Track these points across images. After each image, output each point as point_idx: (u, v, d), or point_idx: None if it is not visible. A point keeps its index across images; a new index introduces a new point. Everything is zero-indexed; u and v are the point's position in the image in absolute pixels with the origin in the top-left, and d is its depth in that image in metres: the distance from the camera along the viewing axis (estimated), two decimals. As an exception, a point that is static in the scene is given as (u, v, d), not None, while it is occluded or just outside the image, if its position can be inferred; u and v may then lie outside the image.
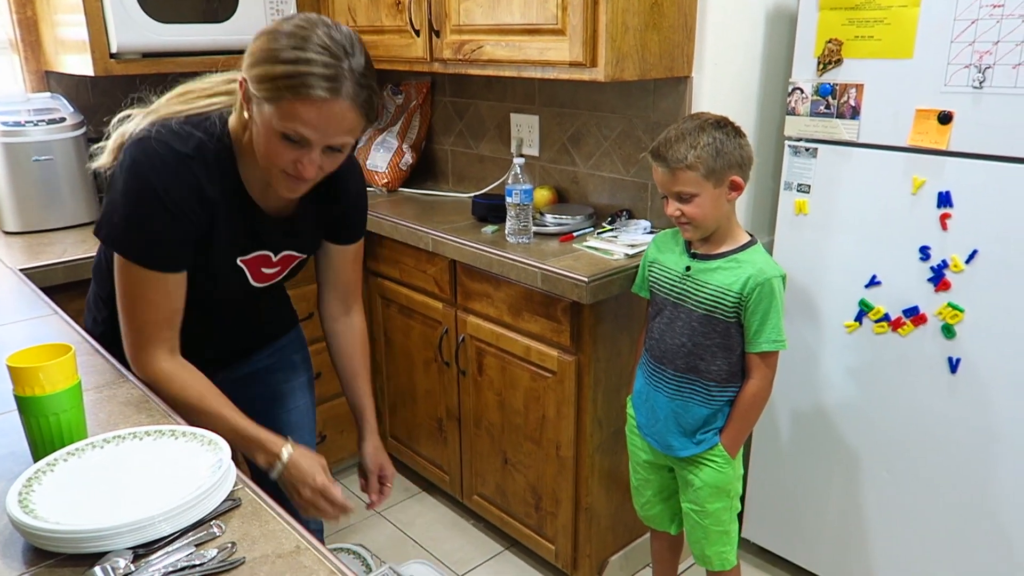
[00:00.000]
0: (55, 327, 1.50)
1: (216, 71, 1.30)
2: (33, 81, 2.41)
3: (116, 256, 1.22)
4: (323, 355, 2.48)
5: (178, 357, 1.27)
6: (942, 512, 1.81)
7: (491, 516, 2.33)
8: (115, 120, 1.28)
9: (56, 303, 1.66)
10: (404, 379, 2.51)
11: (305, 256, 1.44)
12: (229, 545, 0.84)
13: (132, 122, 1.25)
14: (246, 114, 1.16)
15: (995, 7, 1.55)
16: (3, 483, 0.91)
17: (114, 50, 2.11)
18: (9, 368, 0.96)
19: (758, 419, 1.69)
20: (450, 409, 2.34)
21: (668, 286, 1.64)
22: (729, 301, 1.55)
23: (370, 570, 1.52)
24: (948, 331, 1.73)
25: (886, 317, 1.82)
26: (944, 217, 1.69)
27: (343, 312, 1.55)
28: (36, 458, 0.97)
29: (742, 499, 2.18)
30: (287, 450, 1.27)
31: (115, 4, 2.07)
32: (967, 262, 1.68)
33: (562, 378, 1.93)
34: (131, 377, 1.26)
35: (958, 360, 1.73)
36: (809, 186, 1.90)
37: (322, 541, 1.46)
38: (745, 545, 2.27)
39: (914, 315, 1.78)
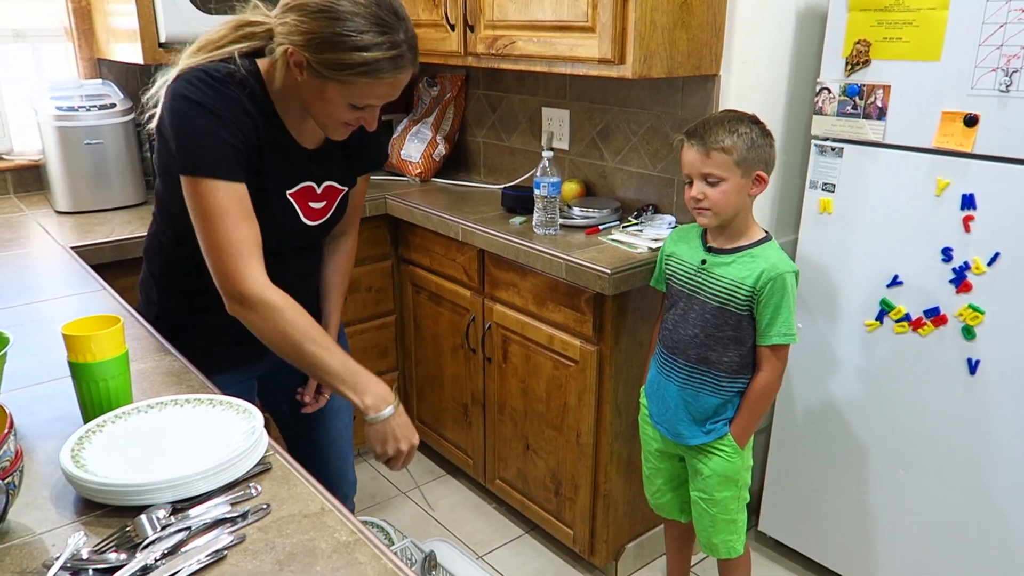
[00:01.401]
0: (103, 301, 1.59)
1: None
2: (86, 68, 2.52)
3: (186, 183, 1.25)
4: (355, 338, 2.57)
5: (278, 288, 1.28)
6: (956, 512, 1.83)
7: (512, 500, 2.39)
8: (150, 91, 1.33)
9: (104, 280, 1.76)
10: (432, 364, 2.58)
11: (346, 189, 1.48)
12: (265, 506, 0.91)
13: (160, 79, 1.31)
14: (297, 77, 1.22)
15: (1023, 11, 1.56)
16: (57, 441, 0.98)
17: (163, 39, 2.20)
18: (64, 336, 1.04)
19: (767, 410, 1.73)
20: (475, 395, 2.40)
21: (684, 278, 1.68)
22: (742, 294, 1.59)
23: (392, 543, 1.59)
24: (968, 333, 1.74)
25: (907, 317, 1.84)
26: (967, 219, 1.70)
27: (341, 232, 1.60)
28: (86, 420, 1.05)
29: (758, 493, 2.23)
30: (395, 402, 1.31)
31: (165, -4, 2.16)
32: (989, 264, 1.69)
33: (584, 367, 1.98)
34: (172, 350, 1.34)
35: (977, 362, 1.74)
36: (834, 185, 1.92)
37: (352, 511, 1.56)
38: (761, 538, 2.30)
39: (935, 316, 1.79)
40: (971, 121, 1.66)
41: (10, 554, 0.82)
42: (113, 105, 2.28)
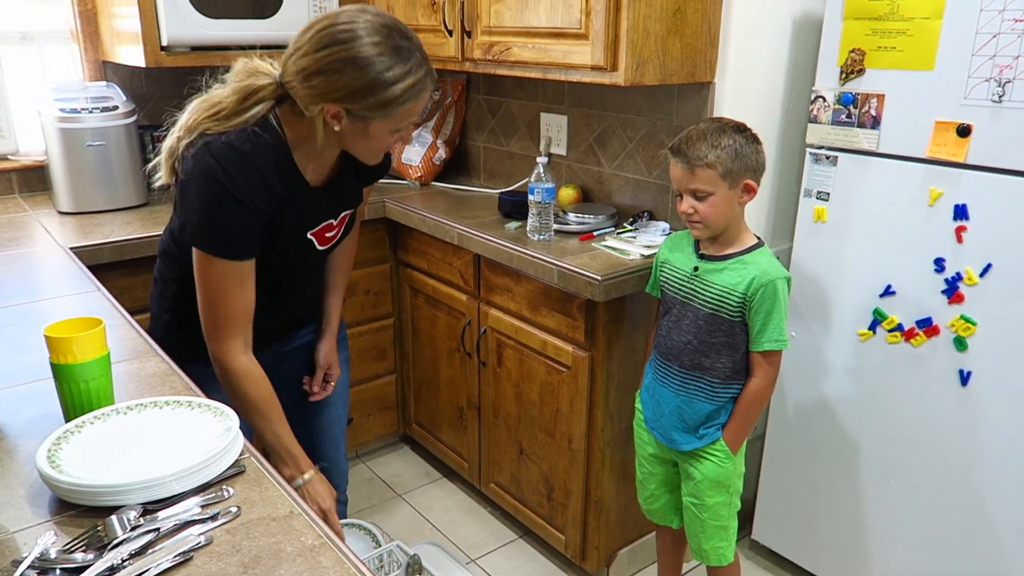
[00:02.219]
0: (96, 303, 1.61)
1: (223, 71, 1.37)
2: (91, 70, 2.55)
3: (197, 254, 1.34)
4: (353, 340, 2.59)
5: (251, 354, 1.41)
6: (948, 522, 1.82)
7: (506, 504, 2.39)
8: (162, 148, 1.38)
9: (101, 280, 1.78)
10: (429, 367, 2.59)
11: (351, 215, 1.56)
12: (235, 508, 0.92)
13: (171, 137, 1.35)
14: (335, 127, 1.27)
15: (1017, 21, 1.55)
16: (36, 441, 1.00)
17: (164, 43, 2.23)
18: (46, 337, 1.05)
19: (759, 416, 1.73)
20: (471, 398, 2.41)
21: (677, 285, 1.69)
22: (734, 301, 1.59)
23: (379, 546, 1.60)
24: (960, 344, 1.73)
25: (899, 327, 1.83)
26: (960, 230, 1.70)
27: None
28: (67, 420, 1.07)
29: (752, 502, 2.22)
30: (312, 472, 1.46)
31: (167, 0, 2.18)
32: (981, 275, 1.68)
33: (576, 373, 1.98)
34: (159, 351, 1.36)
35: (969, 373, 1.73)
36: (828, 194, 1.92)
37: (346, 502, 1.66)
38: (754, 547, 2.30)
39: (927, 326, 1.78)
40: (964, 131, 1.65)
41: (-18, 552, 0.83)
42: (116, 107, 2.31)
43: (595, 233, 2.11)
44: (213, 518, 0.89)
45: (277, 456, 1.44)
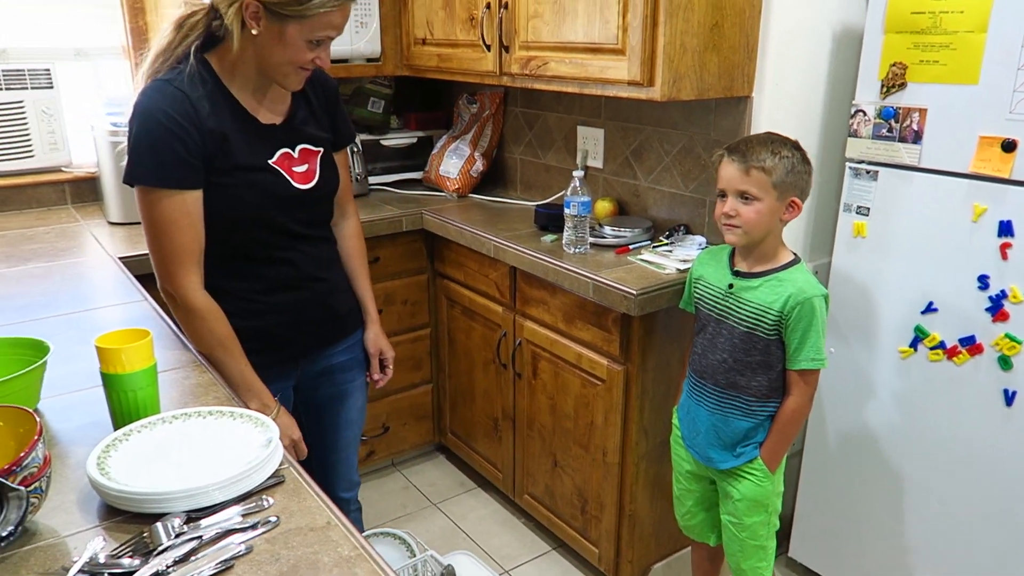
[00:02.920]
0: (143, 312, 1.66)
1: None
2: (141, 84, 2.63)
3: (136, 193, 1.38)
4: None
5: (207, 294, 1.43)
6: (991, 546, 1.78)
7: (539, 515, 2.40)
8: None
9: (148, 290, 1.83)
10: (464, 378, 2.61)
11: (323, 150, 1.57)
12: (274, 518, 0.94)
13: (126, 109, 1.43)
14: (253, 31, 1.33)
15: (1064, 35, 1.52)
16: (89, 447, 1.04)
17: (211, 59, 2.29)
18: (97, 348, 1.09)
19: (796, 435, 1.71)
20: (505, 409, 2.42)
21: (711, 303, 1.68)
22: (770, 319, 1.58)
23: (414, 555, 1.62)
24: (1005, 363, 1.69)
25: (941, 345, 1.80)
26: (1005, 247, 1.66)
27: (341, 216, 1.71)
28: (115, 428, 1.11)
29: (789, 519, 2.20)
30: (276, 407, 1.49)
31: (214, 17, 2.24)
32: (1027, 293, 1.64)
33: (610, 386, 1.98)
34: (202, 361, 1.40)
35: (1014, 393, 1.69)
36: (868, 209, 1.90)
37: (360, 528, 1.61)
38: (791, 565, 2.27)
39: (970, 344, 1.75)
40: (1009, 146, 1.62)
41: (35, 555, 0.87)
42: (164, 121, 2.37)
43: (631, 247, 2.12)
44: (253, 527, 0.92)
45: (242, 392, 1.43)
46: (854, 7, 1.99)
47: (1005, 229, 1.66)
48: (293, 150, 1.51)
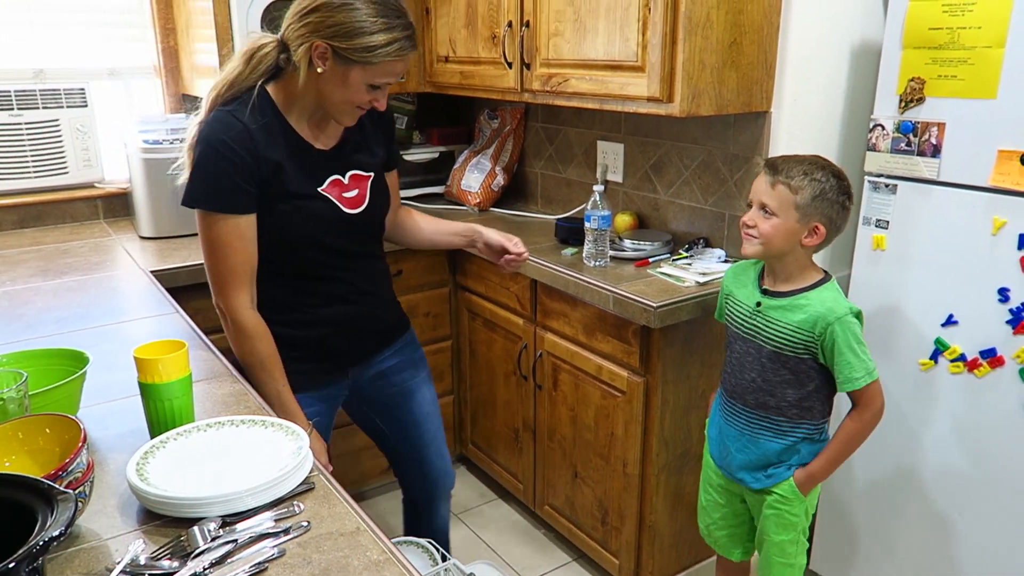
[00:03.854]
0: (175, 324, 1.71)
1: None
2: (171, 103, 2.71)
3: (196, 216, 1.47)
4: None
5: (258, 312, 1.52)
6: (1012, 559, 1.77)
7: (560, 527, 2.42)
8: (186, 138, 1.52)
9: (179, 302, 1.89)
10: (486, 389, 2.64)
11: (373, 175, 1.62)
12: (305, 523, 0.98)
13: (192, 128, 1.50)
14: (319, 69, 1.41)
15: (1082, 50, 1.53)
16: (127, 454, 1.08)
17: (240, 78, 2.35)
18: (135, 359, 1.14)
19: (849, 455, 1.67)
20: (526, 421, 2.45)
21: (739, 320, 1.68)
22: (799, 339, 1.57)
23: (437, 563, 1.65)
24: (1026, 375, 1.70)
25: (962, 357, 1.81)
26: (1024, 259, 1.67)
27: (401, 218, 1.84)
28: (152, 435, 1.15)
29: (811, 531, 2.19)
30: (309, 431, 1.49)
31: (243, 37, 2.31)
32: (1048, 306, 1.65)
33: (631, 398, 2.00)
34: (234, 372, 1.44)
35: (1035, 405, 1.69)
36: (888, 222, 1.91)
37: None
38: (812, 577, 2.26)
39: (991, 357, 1.75)
40: (1028, 160, 1.63)
41: (79, 556, 0.91)
42: (194, 138, 2.44)
43: (650, 260, 2.14)
44: (286, 532, 0.95)
45: (278, 412, 1.47)
46: (872, 23, 2.01)
47: (1024, 242, 1.67)
48: (343, 176, 1.57)
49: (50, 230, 2.53)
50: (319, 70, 1.41)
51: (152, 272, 2.09)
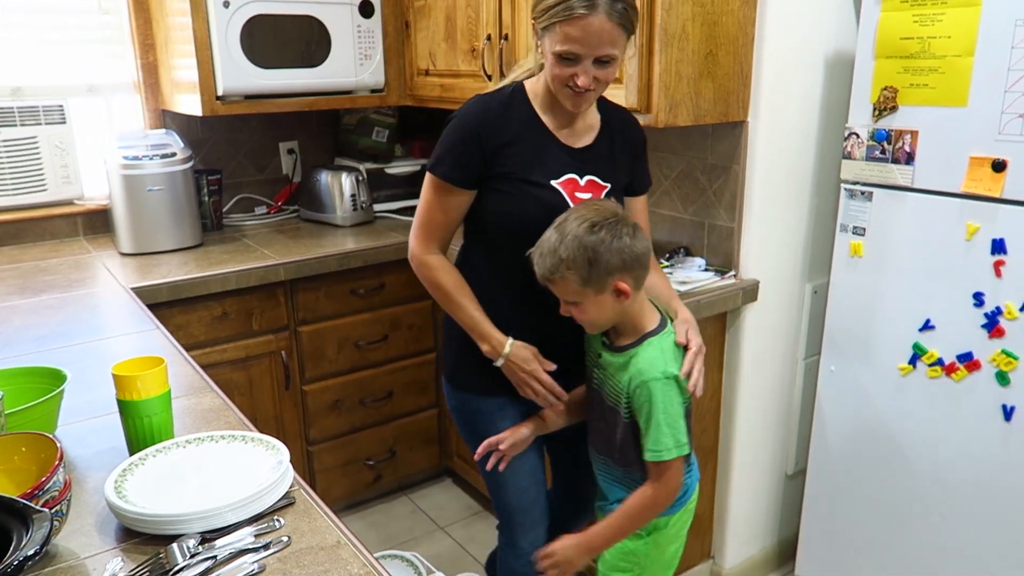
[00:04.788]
0: (156, 340, 1.70)
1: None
2: (151, 118, 2.70)
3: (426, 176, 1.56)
4: (396, 374, 2.65)
5: (443, 256, 1.60)
6: (993, 560, 1.79)
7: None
8: None
9: (159, 318, 1.88)
10: (470, 401, 2.63)
11: (610, 188, 1.57)
12: (286, 538, 0.97)
13: None
14: (539, 53, 1.47)
15: (1049, 58, 1.56)
16: (103, 472, 1.07)
17: (220, 93, 2.36)
18: (113, 376, 1.13)
19: (632, 531, 1.51)
20: (511, 432, 2.44)
21: (590, 365, 1.56)
22: (623, 400, 1.45)
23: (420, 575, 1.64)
24: (1002, 378, 1.72)
25: (940, 362, 1.83)
26: (998, 264, 1.70)
27: None
28: (131, 452, 1.14)
29: (794, 537, 2.21)
30: (509, 343, 1.53)
31: (223, 52, 2.31)
32: (1022, 309, 1.67)
33: (614, 407, 2.01)
34: (214, 387, 1.44)
35: (1012, 408, 1.71)
36: (864, 229, 1.93)
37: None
38: (798, 583, 2.27)
39: (968, 361, 1.78)
40: (999, 166, 1.66)
41: (56, 576, 0.90)
42: (174, 154, 2.44)
43: (632, 269, 2.15)
44: (266, 547, 0.95)
45: (475, 335, 1.56)
46: (846, 34, 2.04)
47: (998, 247, 1.69)
48: (580, 178, 1.55)
49: (29, 248, 2.51)
50: (539, 50, 1.46)
51: (132, 289, 2.07)
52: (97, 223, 2.65)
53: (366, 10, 2.55)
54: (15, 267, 2.29)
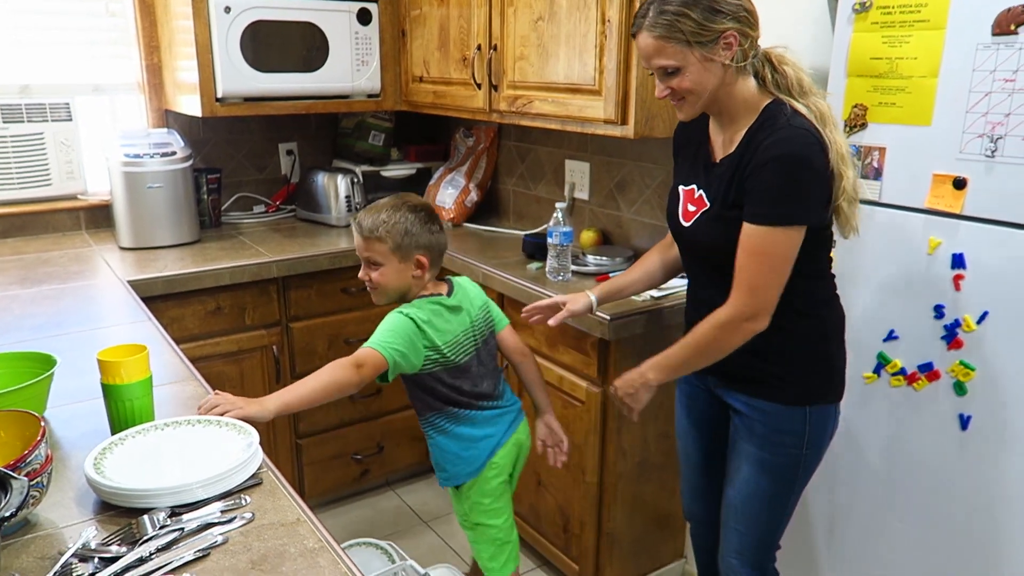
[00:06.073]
0: (148, 332, 1.78)
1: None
2: (154, 118, 2.79)
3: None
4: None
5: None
6: (948, 564, 1.84)
7: (525, 534, 2.47)
8: None
9: (155, 311, 1.96)
10: (456, 400, 2.70)
11: (708, 206, 1.56)
12: (250, 514, 1.05)
13: None
14: None
15: (1007, 81, 1.62)
16: (87, 451, 1.14)
17: (219, 95, 2.44)
18: (98, 361, 1.21)
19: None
20: (494, 431, 2.51)
21: None
22: None
23: (393, 562, 1.71)
24: (960, 388, 1.78)
25: (902, 371, 1.89)
26: (958, 278, 1.75)
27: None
28: (113, 434, 1.22)
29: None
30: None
31: (222, 56, 2.40)
32: (979, 322, 1.73)
33: (589, 408, 2.08)
34: (198, 376, 1.51)
35: (968, 417, 1.77)
36: (835, 241, 1.99)
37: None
38: (767, 585, 2.32)
39: (928, 371, 1.83)
40: (960, 184, 1.72)
41: (35, 543, 0.98)
42: (174, 153, 2.52)
43: (611, 274, 2.21)
44: (231, 521, 1.02)
45: None
46: (820, 52, 2.11)
47: (958, 261, 1.75)
48: (698, 190, 1.60)
49: (32, 240, 2.59)
50: None
51: (129, 281, 2.15)
52: (99, 218, 2.73)
53: (364, 18, 2.63)
54: (18, 258, 2.38)
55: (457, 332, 1.72)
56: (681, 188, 1.62)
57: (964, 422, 1.78)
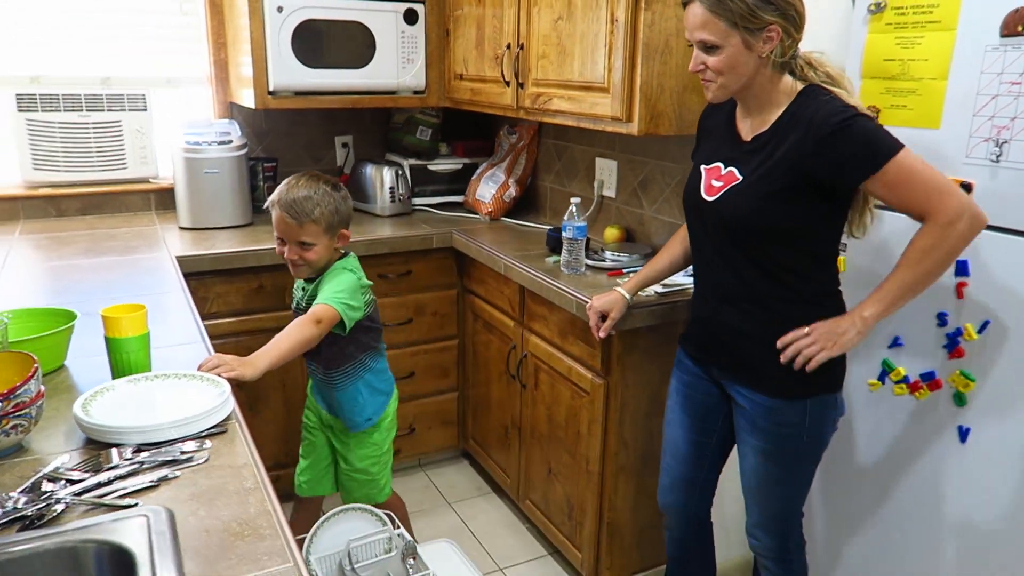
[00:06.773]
0: (176, 301, 1.95)
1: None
2: (220, 110, 3.01)
3: None
4: (419, 357, 2.84)
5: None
6: (948, 569, 1.80)
7: (536, 520, 2.54)
8: None
9: (203, 286, 2.14)
10: (483, 388, 2.80)
11: (740, 179, 1.57)
12: (206, 457, 1.17)
13: None
14: None
15: (1013, 84, 1.58)
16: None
17: (271, 88, 2.62)
18: (102, 317, 1.37)
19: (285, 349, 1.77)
20: (514, 418, 2.59)
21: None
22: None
23: (385, 527, 1.81)
24: (959, 399, 1.73)
25: (906, 379, 1.85)
26: (961, 286, 1.71)
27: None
28: (112, 382, 1.37)
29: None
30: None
31: (274, 52, 2.57)
32: (980, 331, 1.68)
33: (593, 398, 2.13)
34: (206, 340, 1.66)
35: (967, 430, 1.72)
36: (846, 244, 1.97)
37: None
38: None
39: (930, 380, 1.79)
40: (966, 189, 1.68)
41: (20, 465, 1.13)
42: (231, 142, 2.72)
43: (624, 270, 2.26)
44: (188, 461, 1.15)
45: None
46: (835, 53, 2.08)
47: (961, 269, 1.71)
48: (724, 167, 1.62)
49: (106, 218, 2.86)
50: None
51: (177, 257, 2.35)
52: (166, 200, 2.98)
53: (411, 18, 2.77)
54: (90, 232, 2.63)
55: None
56: (703, 167, 1.66)
57: (963, 435, 1.73)
